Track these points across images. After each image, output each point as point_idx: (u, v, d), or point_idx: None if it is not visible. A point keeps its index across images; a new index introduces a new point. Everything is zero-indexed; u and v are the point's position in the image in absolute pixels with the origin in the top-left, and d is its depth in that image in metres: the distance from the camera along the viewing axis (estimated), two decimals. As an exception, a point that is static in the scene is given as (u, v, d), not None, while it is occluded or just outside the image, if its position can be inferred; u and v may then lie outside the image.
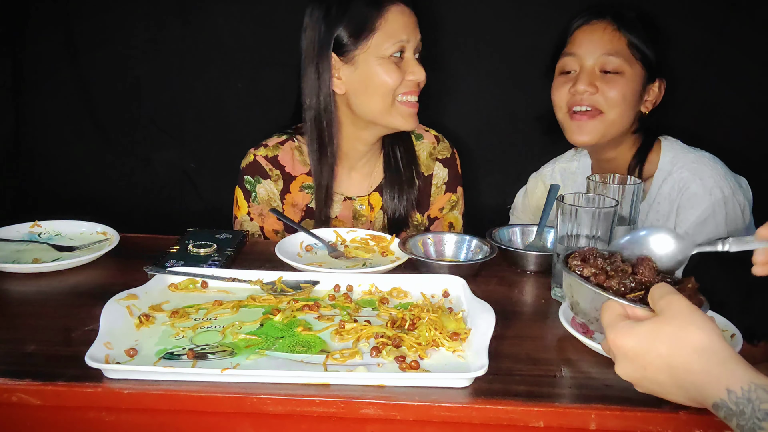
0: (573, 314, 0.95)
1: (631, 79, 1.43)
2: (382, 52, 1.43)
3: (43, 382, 0.81)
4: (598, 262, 0.90)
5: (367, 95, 1.46)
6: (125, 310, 0.96)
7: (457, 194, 1.67)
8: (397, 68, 1.44)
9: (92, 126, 1.92)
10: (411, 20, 1.47)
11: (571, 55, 1.46)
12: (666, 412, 0.78)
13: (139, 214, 1.95)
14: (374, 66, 1.44)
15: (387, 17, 1.43)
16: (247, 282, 1.10)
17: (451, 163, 1.66)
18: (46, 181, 1.98)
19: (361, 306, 1.04)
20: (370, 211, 1.60)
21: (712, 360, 0.68)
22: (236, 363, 0.86)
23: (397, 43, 1.44)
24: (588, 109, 1.43)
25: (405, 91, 1.46)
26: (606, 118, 1.43)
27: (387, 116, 1.47)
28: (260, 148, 1.57)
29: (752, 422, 0.64)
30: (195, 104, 1.91)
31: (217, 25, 1.86)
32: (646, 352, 0.72)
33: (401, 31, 1.44)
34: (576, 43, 1.46)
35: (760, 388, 0.65)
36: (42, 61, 1.89)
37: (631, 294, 0.84)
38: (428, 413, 0.80)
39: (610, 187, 1.20)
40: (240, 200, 1.56)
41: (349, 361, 0.87)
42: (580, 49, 1.45)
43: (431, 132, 1.66)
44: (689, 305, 0.73)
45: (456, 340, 0.92)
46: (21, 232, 1.31)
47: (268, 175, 1.56)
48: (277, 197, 1.57)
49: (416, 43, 1.47)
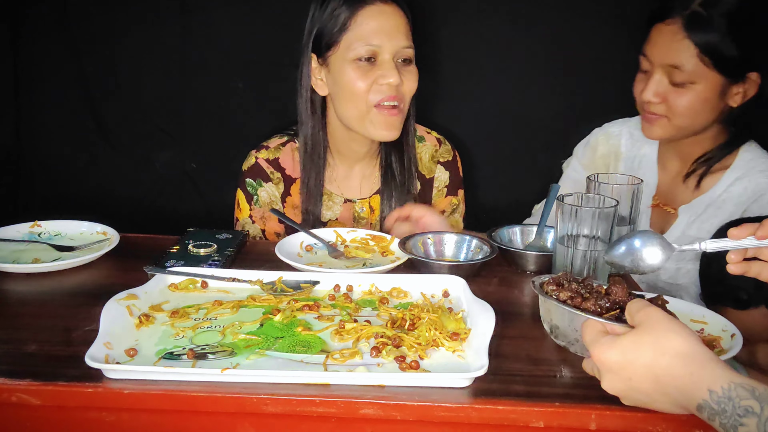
0: (552, 338, 0.96)
1: (703, 89, 1.35)
2: (350, 55, 1.37)
3: (43, 382, 0.81)
4: (572, 285, 0.93)
5: (342, 100, 1.42)
6: (125, 310, 0.96)
7: (458, 197, 1.66)
8: (367, 71, 1.37)
9: (92, 126, 1.92)
10: (390, 22, 1.38)
11: (644, 56, 1.40)
12: (666, 412, 0.78)
13: (139, 214, 1.95)
14: (343, 68, 1.39)
15: (358, 17, 1.37)
16: (247, 282, 1.10)
17: (453, 166, 1.64)
18: (46, 181, 1.98)
19: (361, 306, 1.04)
20: (371, 213, 1.59)
21: (693, 363, 0.71)
22: (236, 363, 0.86)
23: (366, 47, 1.36)
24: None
25: (381, 98, 1.38)
26: (673, 123, 1.40)
27: (363, 124, 1.42)
28: (261, 150, 1.55)
29: (733, 419, 0.66)
30: (195, 104, 1.91)
31: (217, 25, 1.85)
32: (629, 363, 0.74)
33: (373, 33, 1.37)
34: (650, 43, 1.39)
35: (740, 386, 0.67)
36: (42, 61, 1.89)
37: (607, 314, 0.87)
38: (428, 413, 0.80)
39: (610, 187, 1.20)
40: (242, 203, 1.55)
41: (349, 361, 0.87)
42: (651, 52, 1.38)
43: (433, 134, 1.64)
44: (666, 315, 0.77)
45: (456, 340, 0.92)
46: (21, 232, 1.31)
47: (270, 179, 1.55)
48: (278, 200, 1.56)
49: (396, 48, 1.38)
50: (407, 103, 1.45)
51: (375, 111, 1.40)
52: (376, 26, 1.37)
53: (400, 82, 1.39)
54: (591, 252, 1.07)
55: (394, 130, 1.43)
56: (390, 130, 1.42)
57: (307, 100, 1.48)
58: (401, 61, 1.41)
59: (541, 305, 0.97)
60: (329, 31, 1.40)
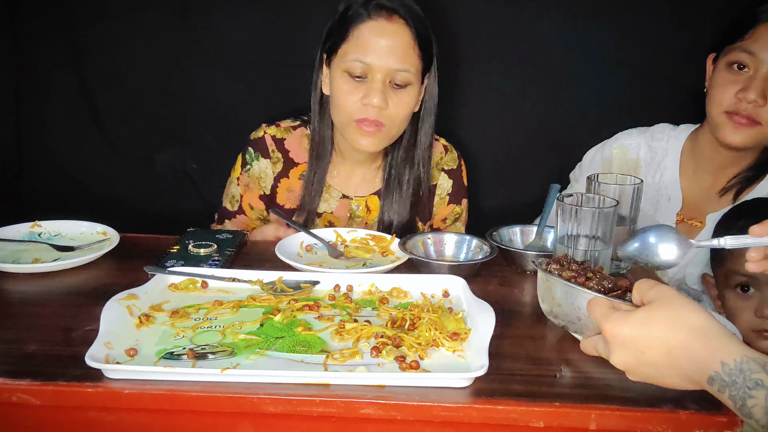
0: (550, 318, 0.96)
1: None
2: (343, 66, 1.36)
3: (43, 382, 0.81)
4: (573, 266, 0.94)
5: (332, 105, 1.43)
6: (125, 310, 0.96)
7: (461, 206, 1.65)
8: (355, 87, 1.35)
9: (93, 126, 1.92)
10: (389, 42, 1.33)
11: (748, 53, 1.33)
12: (666, 412, 0.79)
13: (139, 214, 1.94)
14: (337, 77, 1.38)
15: (358, 30, 1.34)
16: (247, 282, 1.10)
17: (457, 174, 1.63)
18: (46, 181, 1.98)
19: (361, 306, 1.04)
20: (367, 213, 1.58)
21: (709, 335, 0.72)
22: (236, 363, 0.86)
23: (357, 63, 1.33)
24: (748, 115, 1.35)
25: (362, 117, 1.36)
26: (764, 129, 1.36)
27: (345, 132, 1.42)
28: (272, 127, 1.56)
29: (743, 391, 0.67)
30: (195, 104, 1.91)
31: (218, 25, 1.85)
32: (642, 337, 0.75)
33: (367, 51, 1.33)
34: (759, 40, 1.31)
35: (752, 360, 0.68)
36: (43, 62, 1.88)
37: (610, 294, 0.88)
38: (428, 413, 0.80)
39: (610, 187, 1.20)
40: (237, 163, 1.58)
41: (349, 361, 0.87)
42: (759, 50, 1.31)
43: (441, 141, 1.62)
44: (678, 293, 0.78)
45: (456, 340, 0.92)
46: (21, 232, 1.31)
47: (269, 156, 1.55)
48: (269, 180, 1.56)
49: (387, 69, 1.34)
50: (395, 125, 1.42)
51: (354, 124, 1.39)
52: (372, 43, 1.34)
53: (385, 106, 1.36)
54: (591, 252, 1.07)
55: (372, 144, 1.41)
56: (368, 141, 1.40)
57: (316, 98, 1.49)
58: (394, 84, 1.37)
59: (541, 285, 0.97)
60: (335, 35, 1.39)
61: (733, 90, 1.36)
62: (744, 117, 1.35)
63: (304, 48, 1.83)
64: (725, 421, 0.78)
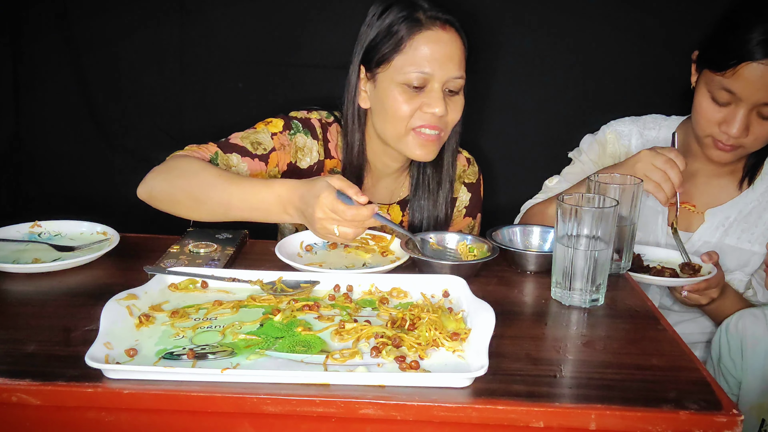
0: None
1: None
2: (400, 78, 1.33)
3: (43, 382, 0.81)
4: None
5: (382, 117, 1.39)
6: (125, 310, 0.96)
7: (475, 220, 1.65)
8: (413, 97, 1.34)
9: (92, 126, 1.92)
10: (446, 50, 1.33)
11: (729, 92, 1.33)
12: (666, 411, 0.79)
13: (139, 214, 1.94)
14: (391, 89, 1.35)
15: (415, 41, 1.32)
16: (247, 282, 1.10)
17: (476, 188, 1.63)
18: (46, 181, 1.98)
19: (361, 306, 1.04)
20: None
21: None
22: (236, 363, 0.86)
23: (417, 74, 1.32)
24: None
25: (421, 124, 1.35)
26: (747, 150, 1.41)
27: (400, 143, 1.39)
28: (314, 112, 1.49)
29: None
30: (195, 104, 1.91)
31: (217, 25, 1.85)
32: None
33: (426, 61, 1.32)
34: (740, 80, 1.30)
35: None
36: (42, 61, 1.89)
37: None
38: (428, 413, 0.80)
39: (610, 187, 1.20)
40: (275, 122, 1.44)
41: (349, 361, 0.87)
42: (740, 88, 1.31)
43: (464, 153, 1.61)
44: None
45: (456, 340, 0.92)
46: (21, 232, 1.31)
47: (317, 138, 1.47)
48: (312, 158, 1.47)
49: (446, 77, 1.33)
50: (448, 131, 1.42)
51: (413, 134, 1.37)
52: (430, 53, 1.32)
53: (445, 113, 1.35)
54: (591, 252, 1.07)
55: (430, 152, 1.40)
56: (426, 150, 1.39)
57: (354, 111, 1.43)
58: (448, 90, 1.36)
59: None
60: (382, 47, 1.35)
61: (715, 121, 1.38)
62: (727, 145, 1.39)
63: (303, 48, 1.83)
64: (725, 421, 0.78)
